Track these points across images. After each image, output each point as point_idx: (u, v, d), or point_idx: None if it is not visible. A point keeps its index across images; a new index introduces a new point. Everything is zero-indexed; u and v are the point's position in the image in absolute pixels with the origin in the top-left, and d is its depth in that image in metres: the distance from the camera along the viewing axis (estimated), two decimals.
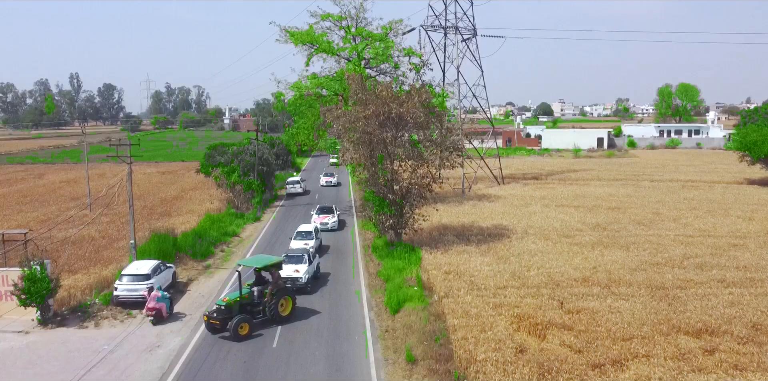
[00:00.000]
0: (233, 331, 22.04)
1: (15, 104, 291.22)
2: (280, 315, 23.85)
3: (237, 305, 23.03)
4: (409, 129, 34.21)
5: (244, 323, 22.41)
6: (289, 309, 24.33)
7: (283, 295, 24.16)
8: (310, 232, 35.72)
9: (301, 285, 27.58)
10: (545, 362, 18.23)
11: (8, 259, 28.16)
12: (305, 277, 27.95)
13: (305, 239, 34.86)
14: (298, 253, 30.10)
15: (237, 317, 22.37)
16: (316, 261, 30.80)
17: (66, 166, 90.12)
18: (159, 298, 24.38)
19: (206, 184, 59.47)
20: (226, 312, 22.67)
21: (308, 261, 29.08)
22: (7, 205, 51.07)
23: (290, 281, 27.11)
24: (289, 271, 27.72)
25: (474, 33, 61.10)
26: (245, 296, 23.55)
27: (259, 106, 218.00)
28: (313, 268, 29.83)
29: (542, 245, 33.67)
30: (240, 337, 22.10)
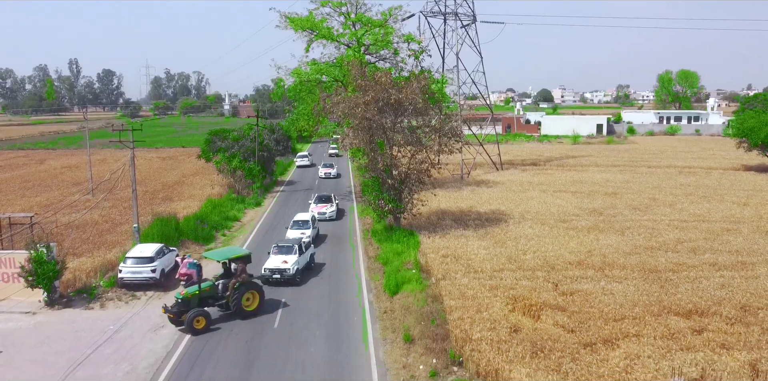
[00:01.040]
0: (188, 325, 21.53)
1: (14, 90, 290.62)
2: (243, 310, 23.06)
3: (195, 298, 22.42)
4: (408, 115, 34.55)
5: (200, 317, 21.79)
6: (255, 304, 23.50)
7: (248, 290, 23.27)
8: (306, 221, 35.11)
9: (289, 276, 27.00)
10: (538, 341, 18.81)
11: (14, 242, 28.74)
12: (293, 268, 27.22)
13: (302, 228, 34.20)
14: (289, 243, 29.04)
15: (193, 311, 21.85)
16: (309, 251, 29.93)
17: (67, 152, 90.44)
18: (190, 264, 26.11)
19: (207, 170, 59.93)
20: (183, 305, 22.12)
21: (298, 252, 28.24)
22: (9, 190, 51.54)
23: (278, 272, 26.83)
24: (277, 261, 27.41)
25: (473, 19, 61.10)
26: (206, 289, 22.87)
27: (259, 92, 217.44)
28: (305, 259, 29.07)
29: (539, 230, 34.19)
30: (196, 331, 21.58)
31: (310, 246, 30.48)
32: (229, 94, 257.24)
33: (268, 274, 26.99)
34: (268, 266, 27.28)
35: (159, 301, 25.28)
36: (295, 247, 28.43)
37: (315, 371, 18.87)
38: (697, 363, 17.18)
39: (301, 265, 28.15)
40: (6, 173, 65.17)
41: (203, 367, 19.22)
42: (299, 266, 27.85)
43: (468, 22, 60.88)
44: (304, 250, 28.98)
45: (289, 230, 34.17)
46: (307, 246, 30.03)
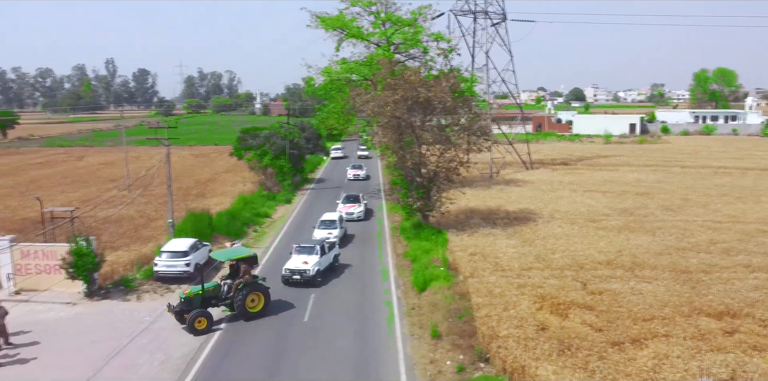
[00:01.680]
0: (189, 325, 21.53)
1: (54, 89, 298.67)
2: (247, 311, 22.85)
3: (198, 298, 22.36)
4: (437, 113, 34.71)
5: (202, 318, 21.73)
6: (260, 306, 23.22)
7: (252, 291, 23.06)
8: (333, 220, 34.65)
9: (308, 277, 26.62)
10: (565, 339, 18.85)
11: (56, 235, 29.82)
12: (314, 269, 26.77)
13: (329, 228, 33.84)
14: (310, 243, 28.51)
15: (194, 311, 21.80)
16: (333, 252, 29.33)
17: (104, 149, 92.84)
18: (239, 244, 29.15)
19: (239, 167, 60.96)
20: (186, 304, 22.15)
21: (320, 252, 27.68)
22: (50, 186, 53.29)
23: (298, 273, 26.59)
24: (297, 262, 27.09)
25: (503, 17, 60.85)
26: (209, 289, 22.81)
27: (290, 91, 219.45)
28: (328, 259, 28.50)
29: (568, 229, 34.04)
30: (197, 332, 21.50)
31: (333, 246, 29.89)
32: (261, 93, 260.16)
33: (288, 275, 26.74)
34: (288, 266, 26.99)
35: None
36: (317, 247, 27.90)
37: (343, 364, 19.24)
38: (727, 364, 17.03)
39: (322, 266, 27.68)
40: (46, 169, 67.36)
41: (235, 357, 19.77)
42: (320, 267, 27.36)
43: (498, 21, 60.68)
44: (326, 250, 28.43)
45: (316, 230, 33.88)
46: (331, 246, 29.36)
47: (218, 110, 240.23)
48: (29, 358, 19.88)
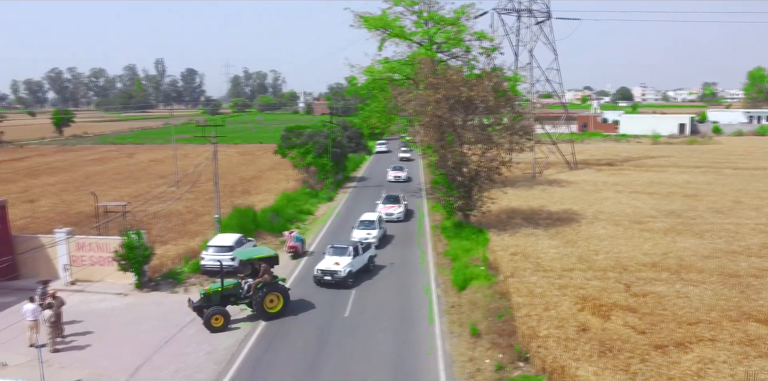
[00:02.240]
0: (206, 322, 21.68)
1: (106, 88, 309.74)
2: (265, 311, 22.77)
3: (217, 295, 22.54)
4: (479, 113, 34.65)
5: (218, 315, 21.81)
6: (279, 307, 23.09)
7: (271, 291, 22.98)
8: (373, 221, 34.43)
9: (339, 278, 26.36)
10: (607, 341, 18.67)
11: (109, 229, 31.09)
12: (345, 270, 26.46)
13: (368, 229, 33.67)
14: (344, 244, 28.35)
15: (212, 309, 21.95)
16: (368, 253, 28.94)
17: (153, 147, 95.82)
18: (296, 237, 31.27)
19: (282, 165, 62.03)
20: (205, 301, 22.40)
21: (353, 254, 27.44)
22: (103, 182, 55.42)
23: (329, 274, 26.41)
24: (329, 263, 26.87)
25: (548, 15, 60.12)
26: (229, 287, 22.93)
27: (333, 90, 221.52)
28: (362, 261, 28.19)
29: (612, 230, 33.52)
30: (213, 329, 21.60)
31: (369, 248, 29.57)
32: (304, 92, 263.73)
33: (320, 275, 26.64)
34: (320, 267, 26.90)
35: None
36: (350, 248, 27.65)
37: (382, 359, 19.53)
38: None
39: (355, 267, 27.35)
40: (99, 166, 70.02)
41: (277, 350, 20.30)
42: (352, 269, 27.02)
43: (542, 19, 59.97)
44: (360, 252, 28.16)
45: (355, 230, 33.72)
46: (366, 248, 29.13)
47: (263, 109, 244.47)
48: (84, 345, 20.86)
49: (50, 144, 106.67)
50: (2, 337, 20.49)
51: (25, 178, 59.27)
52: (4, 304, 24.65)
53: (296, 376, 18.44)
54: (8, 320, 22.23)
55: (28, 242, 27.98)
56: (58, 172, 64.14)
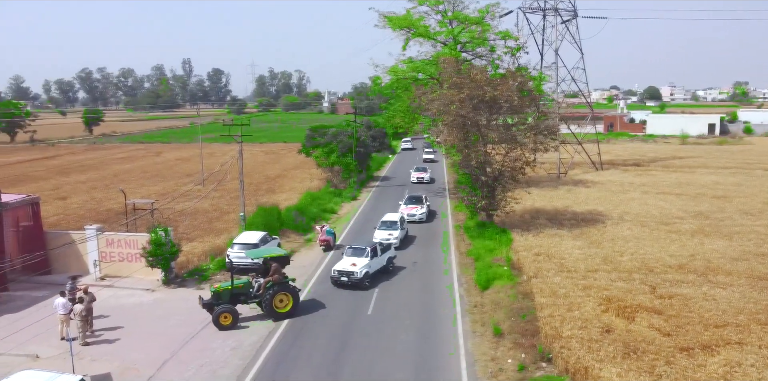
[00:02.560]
0: (214, 320, 21.91)
1: (134, 88, 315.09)
2: (274, 310, 22.74)
3: (227, 293, 22.74)
4: (503, 112, 34.53)
5: (227, 313, 21.98)
6: (288, 307, 23.01)
7: (281, 291, 22.91)
8: (395, 221, 34.23)
9: (355, 280, 26.15)
10: (631, 343, 18.51)
11: (137, 226, 31.72)
12: (361, 272, 26.23)
13: (390, 229, 33.48)
14: (362, 245, 28.08)
15: (220, 307, 22.15)
16: (387, 254, 28.70)
17: (180, 146, 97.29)
18: (328, 231, 32.64)
19: (307, 164, 62.51)
20: (215, 299, 22.68)
21: (370, 255, 27.18)
22: (131, 180, 56.50)
23: (345, 275, 26.25)
24: (346, 264, 26.72)
25: (574, 14, 59.56)
26: (239, 286, 23.13)
27: (357, 90, 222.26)
28: (380, 262, 27.95)
29: (638, 231, 33.13)
30: (222, 327, 21.81)
31: (388, 249, 29.27)
32: (329, 92, 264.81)
33: (337, 276, 26.50)
34: (337, 267, 26.78)
35: None
36: (368, 250, 27.39)
37: (405, 357, 19.63)
38: None
39: (372, 268, 27.17)
40: (127, 164, 71.37)
41: (301, 346, 20.55)
42: (369, 270, 26.80)
43: (568, 18, 59.43)
44: (378, 253, 27.91)
45: (377, 231, 33.62)
46: (384, 249, 28.81)
47: (287, 109, 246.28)
48: (113, 339, 21.36)
49: (80, 143, 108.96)
50: (35, 330, 21.14)
51: (57, 176, 60.72)
52: (36, 298, 25.34)
53: (320, 372, 18.66)
54: (41, 314, 22.93)
55: (59, 238, 28.72)
56: (88, 170, 65.56)
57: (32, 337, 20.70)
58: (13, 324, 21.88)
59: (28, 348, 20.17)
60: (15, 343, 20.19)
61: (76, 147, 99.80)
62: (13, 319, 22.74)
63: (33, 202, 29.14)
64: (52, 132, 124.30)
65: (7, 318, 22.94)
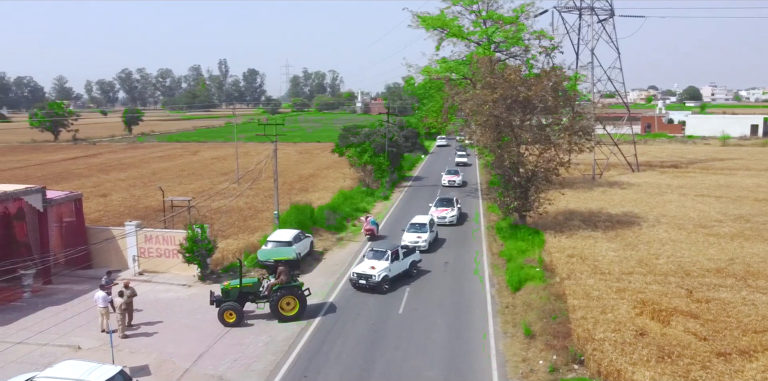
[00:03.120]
0: (219, 317, 22.38)
1: (172, 88, 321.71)
2: (280, 312, 22.77)
3: (235, 291, 23.06)
4: (537, 113, 34.26)
5: (231, 311, 22.33)
6: (294, 310, 22.93)
7: (287, 294, 22.90)
8: (424, 224, 33.64)
9: (373, 283, 25.70)
10: (666, 346, 18.24)
11: (174, 222, 32.48)
12: (380, 275, 25.76)
13: (418, 232, 32.96)
14: (382, 248, 27.65)
15: (225, 304, 22.54)
16: (410, 258, 28.13)
17: (216, 145, 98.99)
18: (372, 222, 35.23)
19: (339, 163, 63.00)
20: (224, 296, 23.08)
21: (390, 258, 26.71)
22: (168, 178, 57.79)
23: (364, 278, 25.90)
24: (365, 266, 26.41)
25: (611, 13, 58.64)
26: (247, 285, 23.41)
27: (390, 90, 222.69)
28: (402, 266, 27.44)
29: (675, 234, 32.51)
30: (227, 323, 22.23)
31: (412, 252, 28.69)
32: (362, 92, 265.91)
33: (356, 279, 26.20)
34: (356, 270, 26.53)
35: None
36: (388, 253, 26.90)
37: (436, 356, 19.71)
38: None
39: (393, 272, 26.61)
40: (165, 163, 72.99)
41: (333, 343, 20.80)
42: (388, 274, 26.23)
43: (605, 17, 58.56)
44: (400, 256, 27.40)
45: (406, 233, 33.18)
46: (408, 252, 28.29)
47: (321, 109, 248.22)
48: (151, 332, 21.96)
49: (120, 141, 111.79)
50: (77, 321, 21.91)
51: (98, 174, 62.49)
52: (78, 291, 26.19)
53: (351, 368, 18.87)
54: (82, 306, 23.75)
55: (100, 234, 29.62)
56: (127, 168, 67.29)
57: (74, 328, 21.47)
58: (56, 316, 22.74)
59: (70, 339, 20.91)
60: (58, 334, 20.96)
61: (116, 145, 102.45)
62: (56, 311, 23.59)
63: (76, 198, 30.09)
64: (93, 131, 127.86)
65: (50, 310, 23.79)
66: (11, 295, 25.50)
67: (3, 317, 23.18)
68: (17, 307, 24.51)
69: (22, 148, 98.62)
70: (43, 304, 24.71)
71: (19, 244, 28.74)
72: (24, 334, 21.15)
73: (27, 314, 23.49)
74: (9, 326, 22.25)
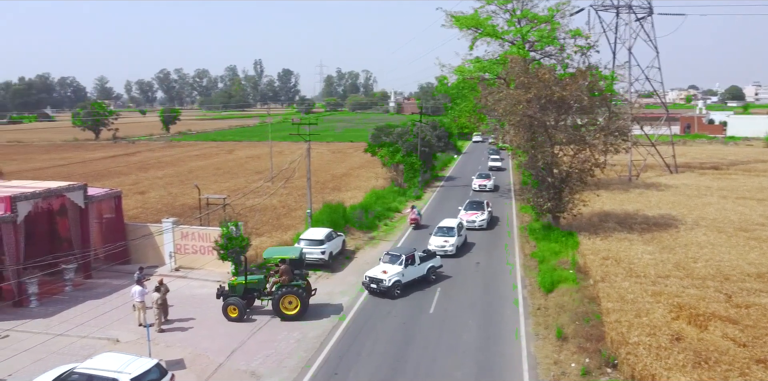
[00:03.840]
0: (222, 311, 23.00)
1: (209, 88, 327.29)
2: (281, 311, 22.95)
3: (240, 287, 23.49)
4: (572, 113, 33.82)
5: (234, 306, 22.85)
6: (295, 309, 23.00)
7: (288, 294, 22.96)
8: (452, 227, 32.68)
9: (384, 288, 25.14)
10: (703, 352, 17.83)
11: (209, 220, 33.09)
12: (390, 280, 25.12)
13: (446, 236, 32.00)
14: (397, 253, 27.02)
15: (229, 299, 23.08)
16: (428, 264, 27.35)
17: (251, 144, 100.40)
18: (417, 212, 38.58)
19: (372, 163, 63.22)
20: (230, 291, 23.54)
21: (404, 263, 26.00)
22: (204, 176, 58.88)
23: (375, 282, 25.42)
24: (377, 270, 25.90)
25: (649, 11, 57.44)
26: (253, 282, 23.72)
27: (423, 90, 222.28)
28: (418, 271, 26.70)
29: (714, 237, 31.71)
30: (230, 318, 22.84)
31: (432, 257, 27.88)
32: (395, 92, 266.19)
33: (367, 282, 25.79)
34: (368, 274, 26.03)
35: (327, 281, 27.83)
36: (402, 258, 26.19)
37: (466, 356, 19.68)
38: None
39: (406, 278, 25.93)
40: (202, 161, 74.37)
41: (364, 342, 20.95)
42: (401, 279, 25.59)
43: (643, 15, 57.40)
44: (417, 261, 26.75)
45: (432, 237, 32.34)
46: (427, 257, 27.54)
47: (354, 108, 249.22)
48: (186, 327, 22.45)
49: (158, 140, 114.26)
50: (115, 315, 22.55)
51: (137, 172, 64.06)
52: (117, 286, 26.92)
53: (381, 367, 18.98)
54: (120, 300, 24.44)
55: (138, 230, 30.40)
56: (165, 167, 68.79)
57: (113, 322, 22.10)
58: (95, 309, 23.46)
59: (109, 332, 21.54)
60: (97, 327, 21.62)
61: (154, 144, 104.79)
62: (95, 304, 24.33)
63: (115, 195, 30.93)
64: (132, 130, 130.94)
65: (90, 304, 24.54)
66: (54, 289, 26.39)
67: (46, 309, 24.01)
68: (60, 300, 25.36)
69: (65, 146, 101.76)
70: (84, 297, 25.50)
71: (62, 240, 29.72)
72: (65, 327, 21.90)
73: (68, 307, 24.29)
74: (51, 318, 23.04)
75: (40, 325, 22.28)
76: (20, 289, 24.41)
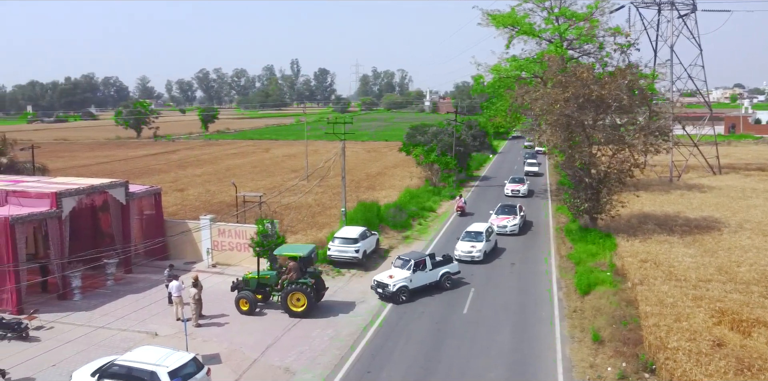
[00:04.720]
0: (235, 303, 23.70)
1: (246, 87, 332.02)
2: (289, 307, 23.16)
3: (254, 281, 24.18)
4: (611, 112, 33.17)
5: (245, 299, 23.53)
6: (302, 306, 23.06)
7: (295, 291, 23.08)
8: (480, 232, 31.29)
9: (389, 293, 24.48)
10: (746, 359, 17.28)
11: (246, 217, 33.60)
12: (395, 285, 24.44)
13: (473, 241, 30.77)
14: (407, 257, 26.26)
15: (240, 292, 23.79)
16: (443, 270, 26.28)
17: (287, 142, 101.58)
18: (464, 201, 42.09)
19: (407, 162, 63.25)
20: (244, 284, 24.21)
21: (413, 269, 25.22)
22: (241, 174, 59.82)
23: (381, 287, 24.84)
24: (385, 275, 25.34)
25: (693, 8, 55.92)
26: (265, 277, 24.33)
27: (459, 89, 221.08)
28: (428, 277, 25.75)
29: (759, 241, 30.70)
30: (241, 311, 23.47)
31: (447, 263, 26.83)
32: (430, 91, 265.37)
33: (375, 286, 25.32)
34: (376, 278, 25.60)
35: (361, 279, 27.94)
36: (411, 263, 25.49)
37: (500, 358, 19.53)
38: None
39: (415, 283, 25.19)
40: (239, 160, 75.58)
41: (396, 340, 20.99)
42: (408, 284, 24.84)
43: (686, 12, 55.92)
44: (428, 267, 25.86)
45: (459, 242, 31.17)
46: (441, 263, 26.56)
47: (389, 107, 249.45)
48: (222, 322, 22.85)
49: (197, 139, 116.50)
50: (154, 309, 23.12)
51: (176, 169, 65.48)
52: (156, 281, 27.50)
53: (414, 366, 18.98)
54: (159, 295, 25.04)
55: (177, 226, 31.03)
56: (203, 164, 70.14)
57: (151, 316, 22.67)
58: (135, 303, 24.10)
59: (148, 326, 22.09)
60: (137, 321, 22.24)
61: (193, 142, 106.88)
62: (135, 298, 25.00)
63: (155, 192, 31.66)
64: (172, 129, 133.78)
65: (130, 298, 25.21)
66: (96, 282, 27.18)
67: (89, 303, 24.76)
68: (101, 293, 26.10)
69: (108, 144, 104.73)
70: (124, 291, 26.20)
71: (104, 235, 30.60)
72: (106, 319, 22.57)
73: (110, 301, 25.00)
74: (93, 311, 23.75)
75: (83, 318, 22.99)
76: (64, 283, 25.24)
